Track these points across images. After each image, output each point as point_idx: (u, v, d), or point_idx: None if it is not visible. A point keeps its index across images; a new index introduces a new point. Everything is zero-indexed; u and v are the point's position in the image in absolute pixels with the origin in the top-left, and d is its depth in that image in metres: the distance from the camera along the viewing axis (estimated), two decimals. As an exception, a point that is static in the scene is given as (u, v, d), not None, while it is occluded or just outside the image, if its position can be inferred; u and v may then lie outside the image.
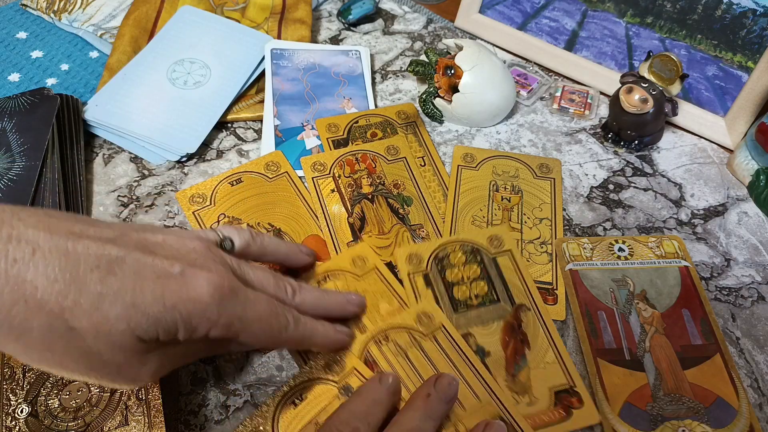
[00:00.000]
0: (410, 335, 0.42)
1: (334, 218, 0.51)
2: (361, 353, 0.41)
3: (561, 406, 0.41)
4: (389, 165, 0.55)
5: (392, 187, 0.53)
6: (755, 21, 0.57)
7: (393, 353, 0.42)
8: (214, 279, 0.32)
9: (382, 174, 0.54)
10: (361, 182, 0.53)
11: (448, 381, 0.38)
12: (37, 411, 0.37)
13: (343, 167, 0.54)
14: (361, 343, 0.42)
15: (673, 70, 0.55)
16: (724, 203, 0.55)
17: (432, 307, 0.44)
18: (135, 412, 0.37)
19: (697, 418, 0.40)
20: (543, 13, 0.68)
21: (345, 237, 0.50)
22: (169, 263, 0.31)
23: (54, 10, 0.70)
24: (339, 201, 0.52)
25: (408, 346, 0.42)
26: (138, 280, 0.30)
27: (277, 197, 0.53)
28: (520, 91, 0.65)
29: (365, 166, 0.54)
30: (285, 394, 0.39)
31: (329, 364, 0.40)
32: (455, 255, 0.48)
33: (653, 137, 0.60)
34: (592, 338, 0.44)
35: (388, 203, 0.52)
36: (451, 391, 0.38)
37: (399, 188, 0.53)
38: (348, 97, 0.63)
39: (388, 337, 0.42)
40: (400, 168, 0.55)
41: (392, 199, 0.52)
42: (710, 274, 0.50)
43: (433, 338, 0.43)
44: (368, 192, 0.53)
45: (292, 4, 0.73)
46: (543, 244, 0.50)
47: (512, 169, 0.56)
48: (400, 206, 0.52)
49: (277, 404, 0.39)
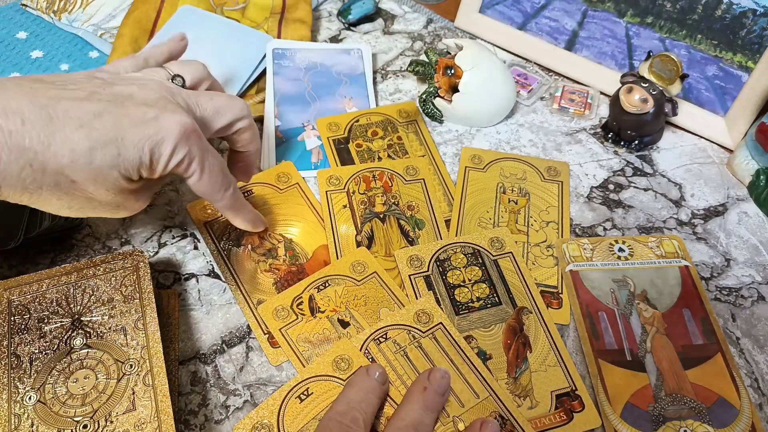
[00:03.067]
0: (409, 333, 0.43)
1: (342, 236, 0.50)
2: (362, 350, 0.41)
3: (562, 409, 0.41)
4: (406, 186, 0.54)
5: (406, 208, 0.52)
6: (755, 21, 0.57)
7: (392, 351, 0.42)
8: (183, 120, 0.37)
9: (398, 194, 0.53)
10: (375, 200, 0.52)
11: (441, 374, 0.39)
12: (45, 398, 0.37)
13: (359, 183, 0.54)
14: (360, 342, 0.42)
15: (673, 70, 0.55)
16: (724, 203, 0.55)
17: (431, 305, 0.44)
18: (142, 397, 0.37)
19: (698, 419, 0.40)
20: (543, 13, 0.68)
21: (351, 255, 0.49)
22: (142, 111, 0.36)
23: (54, 10, 0.70)
24: (349, 219, 0.51)
25: (407, 344, 0.42)
26: (119, 130, 0.34)
27: (288, 208, 0.52)
28: (520, 91, 0.65)
29: (381, 184, 0.54)
30: (291, 389, 0.39)
31: (336, 361, 0.40)
32: (456, 257, 0.48)
33: (653, 137, 0.60)
34: (593, 339, 0.44)
35: (399, 225, 0.51)
36: (444, 383, 0.39)
37: (413, 210, 0.52)
38: (349, 96, 0.63)
39: (388, 336, 0.42)
40: (417, 190, 0.54)
41: (404, 221, 0.52)
42: (710, 274, 0.50)
43: (432, 337, 0.43)
44: (381, 211, 0.52)
45: (292, 4, 0.73)
46: (549, 247, 0.50)
47: (520, 171, 0.56)
48: (411, 229, 0.51)
49: (283, 399, 0.39)
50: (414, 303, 0.44)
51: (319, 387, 0.40)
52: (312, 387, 0.40)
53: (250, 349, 0.44)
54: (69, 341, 0.39)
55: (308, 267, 0.48)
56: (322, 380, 0.40)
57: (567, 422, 0.40)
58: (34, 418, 0.36)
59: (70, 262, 0.48)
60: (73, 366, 0.38)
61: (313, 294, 0.46)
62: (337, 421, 0.36)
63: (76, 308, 0.41)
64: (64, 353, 0.39)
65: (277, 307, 0.45)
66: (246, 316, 0.45)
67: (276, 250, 0.49)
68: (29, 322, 0.40)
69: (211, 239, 0.50)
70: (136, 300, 0.41)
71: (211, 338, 0.44)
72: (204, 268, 0.49)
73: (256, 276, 0.48)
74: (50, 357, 0.38)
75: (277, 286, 0.47)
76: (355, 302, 0.46)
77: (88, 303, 0.41)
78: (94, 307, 0.41)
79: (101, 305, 0.41)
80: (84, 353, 0.39)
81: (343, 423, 0.35)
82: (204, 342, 0.44)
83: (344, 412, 0.36)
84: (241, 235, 0.50)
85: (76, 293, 0.41)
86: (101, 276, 0.42)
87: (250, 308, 0.46)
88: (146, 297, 0.41)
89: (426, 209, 0.53)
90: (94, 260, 0.43)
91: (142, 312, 0.40)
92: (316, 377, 0.40)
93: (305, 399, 0.39)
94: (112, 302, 0.41)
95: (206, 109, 0.41)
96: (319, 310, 0.45)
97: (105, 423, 0.36)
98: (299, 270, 0.48)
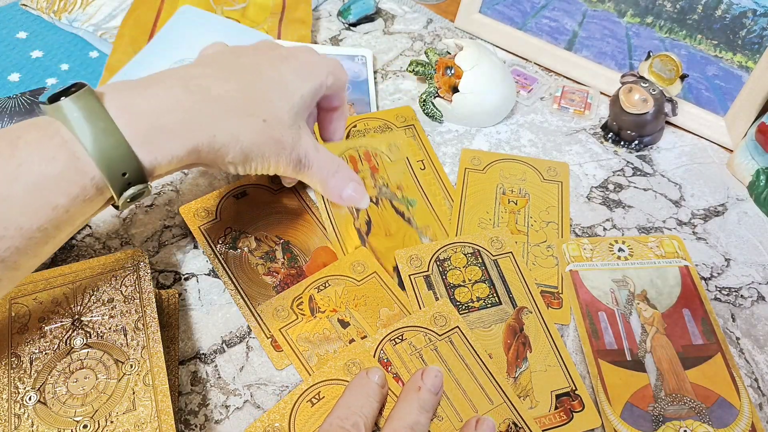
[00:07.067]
0: (426, 336, 0.42)
1: (340, 222, 0.50)
2: (376, 353, 0.41)
3: (562, 409, 0.41)
4: (392, 165, 0.55)
5: (396, 189, 0.53)
6: (755, 21, 0.57)
7: (407, 353, 0.42)
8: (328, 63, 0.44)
9: (386, 175, 0.54)
10: (365, 184, 0.53)
11: (434, 373, 0.39)
12: (45, 398, 0.37)
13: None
14: (375, 343, 0.42)
15: (673, 70, 0.55)
16: (724, 203, 0.55)
17: (448, 308, 0.44)
18: (142, 397, 0.37)
19: (698, 419, 0.40)
20: (543, 12, 0.68)
21: (352, 242, 0.49)
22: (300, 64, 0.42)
23: (54, 9, 0.70)
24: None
25: (423, 346, 0.42)
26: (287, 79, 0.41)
27: (284, 209, 0.52)
28: (520, 91, 0.65)
29: (369, 167, 0.54)
30: (302, 393, 0.39)
31: (348, 365, 0.40)
32: (456, 257, 0.48)
33: (653, 137, 0.60)
34: (593, 339, 0.44)
35: (393, 206, 0.52)
36: (438, 381, 0.39)
37: (402, 190, 0.53)
38: (350, 102, 0.63)
39: (404, 337, 0.42)
40: (402, 168, 0.55)
41: (397, 201, 0.52)
42: (710, 274, 0.50)
43: (449, 340, 0.43)
44: (373, 195, 0.52)
45: (292, 4, 0.73)
46: (549, 247, 0.50)
47: (520, 172, 0.56)
48: (405, 209, 0.52)
49: (295, 402, 0.39)
50: (432, 305, 0.44)
51: (330, 391, 0.39)
52: (323, 391, 0.39)
53: (250, 349, 0.44)
54: (69, 341, 0.39)
55: (308, 269, 0.48)
56: (333, 384, 0.40)
57: (567, 422, 0.40)
58: (34, 418, 0.36)
59: (70, 262, 0.48)
60: (73, 366, 0.38)
61: (313, 294, 0.46)
62: (339, 426, 0.35)
63: (77, 308, 0.41)
64: (64, 353, 0.39)
65: (277, 307, 0.45)
66: (247, 319, 0.45)
67: (274, 253, 0.49)
68: (29, 321, 0.40)
69: (207, 243, 0.49)
70: (136, 300, 0.41)
71: (211, 338, 0.44)
72: (204, 268, 0.49)
73: (255, 279, 0.47)
74: (50, 357, 0.38)
75: (277, 289, 0.47)
76: (355, 302, 0.46)
77: (88, 303, 0.41)
78: (95, 307, 0.41)
79: (101, 305, 0.41)
80: (84, 353, 0.39)
81: (344, 428, 0.35)
82: (204, 342, 0.44)
83: (345, 417, 0.36)
84: (238, 238, 0.50)
85: (77, 293, 0.41)
86: (101, 276, 0.42)
87: (250, 311, 0.46)
88: (146, 297, 0.41)
89: (414, 186, 0.53)
90: (95, 260, 0.43)
91: (142, 312, 0.40)
92: (327, 381, 0.40)
93: (316, 403, 0.39)
94: (113, 302, 0.41)
95: None
96: (319, 310, 0.45)
97: (105, 423, 0.36)
98: (298, 273, 0.48)
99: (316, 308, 0.45)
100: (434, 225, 0.51)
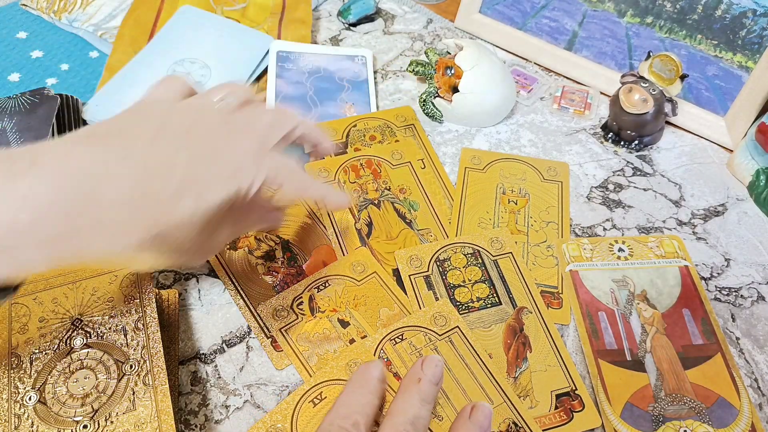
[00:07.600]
0: (426, 336, 0.42)
1: (341, 224, 0.51)
2: (376, 352, 0.41)
3: (562, 409, 0.41)
4: (394, 170, 0.55)
5: (398, 192, 0.53)
6: (755, 21, 0.57)
7: (408, 353, 0.42)
8: (251, 147, 0.35)
9: (388, 179, 0.54)
10: (367, 188, 0.53)
11: (435, 362, 0.39)
12: (45, 398, 0.37)
13: (348, 173, 0.54)
14: (375, 343, 0.42)
15: (673, 70, 0.55)
16: (724, 203, 0.55)
17: (448, 308, 0.44)
18: (142, 397, 0.37)
19: (698, 419, 0.40)
20: (543, 12, 0.68)
21: (353, 243, 0.49)
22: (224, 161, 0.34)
23: (54, 9, 0.70)
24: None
25: (423, 346, 0.42)
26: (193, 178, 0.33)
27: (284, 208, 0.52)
28: (520, 91, 0.65)
29: (370, 172, 0.54)
30: (304, 393, 0.39)
31: (349, 365, 0.40)
32: (456, 257, 0.48)
33: (653, 137, 0.60)
34: (593, 339, 0.44)
35: (395, 208, 0.52)
36: (438, 371, 0.39)
37: (405, 193, 0.53)
38: (350, 102, 0.63)
39: (404, 336, 0.42)
40: (406, 173, 0.55)
41: (399, 204, 0.52)
42: (710, 274, 0.50)
43: (449, 340, 0.42)
44: (374, 198, 0.52)
45: (292, 4, 0.73)
46: (549, 247, 0.50)
47: (520, 172, 0.56)
48: (407, 211, 0.52)
49: (297, 403, 0.39)
50: (432, 305, 0.44)
51: (332, 391, 0.39)
52: (325, 391, 0.39)
53: (250, 349, 0.44)
54: (69, 341, 0.39)
55: (307, 269, 0.48)
56: (335, 384, 0.40)
57: (567, 422, 0.40)
58: (34, 418, 0.36)
59: (70, 262, 0.48)
60: (73, 366, 0.38)
61: (313, 294, 0.46)
62: (339, 426, 0.35)
63: (77, 308, 0.41)
64: (64, 353, 0.39)
65: (277, 307, 0.45)
66: (247, 319, 0.45)
67: (274, 252, 0.49)
68: (29, 321, 0.40)
69: None
70: (136, 300, 0.41)
71: (211, 338, 0.44)
72: (204, 268, 0.49)
73: (255, 279, 0.48)
74: (50, 357, 0.38)
75: (277, 289, 0.47)
76: (355, 302, 0.46)
77: (88, 303, 0.41)
78: (95, 307, 0.41)
79: (101, 305, 0.41)
80: (84, 353, 0.39)
81: (344, 428, 0.35)
82: (204, 342, 0.44)
83: (346, 416, 0.35)
84: (238, 238, 0.50)
85: (77, 293, 0.41)
86: (101, 276, 0.42)
87: (250, 311, 0.46)
88: (146, 297, 0.41)
89: (418, 190, 0.53)
90: (94, 260, 0.43)
91: (142, 312, 0.40)
92: (329, 381, 0.40)
93: (318, 403, 0.39)
94: (112, 302, 0.41)
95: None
96: (319, 310, 0.45)
97: (105, 423, 0.36)
98: (298, 272, 0.48)
99: (316, 308, 0.45)
100: (435, 228, 0.51)
